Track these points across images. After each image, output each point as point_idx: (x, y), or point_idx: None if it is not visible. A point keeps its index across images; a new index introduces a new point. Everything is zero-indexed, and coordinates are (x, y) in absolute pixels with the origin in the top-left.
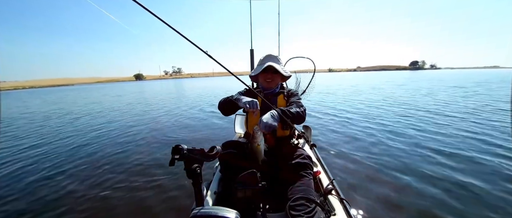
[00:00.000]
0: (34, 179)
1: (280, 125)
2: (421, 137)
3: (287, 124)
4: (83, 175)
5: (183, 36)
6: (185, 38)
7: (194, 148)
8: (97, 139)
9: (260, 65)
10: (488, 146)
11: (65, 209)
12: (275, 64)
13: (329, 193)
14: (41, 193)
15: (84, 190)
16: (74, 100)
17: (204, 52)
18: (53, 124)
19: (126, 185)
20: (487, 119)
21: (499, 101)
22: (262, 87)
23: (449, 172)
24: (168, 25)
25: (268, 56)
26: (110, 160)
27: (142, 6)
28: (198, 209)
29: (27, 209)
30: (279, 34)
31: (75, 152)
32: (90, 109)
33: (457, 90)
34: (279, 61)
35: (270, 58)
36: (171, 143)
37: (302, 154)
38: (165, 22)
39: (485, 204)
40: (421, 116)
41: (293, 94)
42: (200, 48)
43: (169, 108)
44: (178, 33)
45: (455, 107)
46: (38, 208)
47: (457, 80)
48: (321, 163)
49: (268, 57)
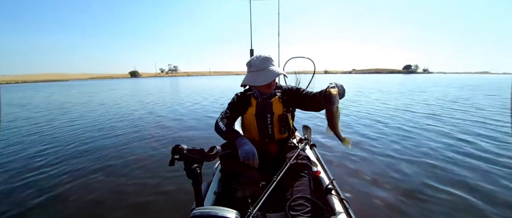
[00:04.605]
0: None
1: (278, 128)
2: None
3: (286, 127)
4: (80, 174)
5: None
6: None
7: (194, 148)
8: (96, 138)
9: (256, 73)
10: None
11: (62, 211)
12: (273, 69)
13: (329, 193)
14: (35, 195)
15: (80, 190)
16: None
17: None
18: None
19: (126, 185)
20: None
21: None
22: (258, 92)
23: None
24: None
25: (263, 61)
26: (108, 160)
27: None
28: (198, 209)
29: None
30: (279, 35)
31: (72, 151)
32: (87, 104)
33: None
34: (272, 63)
35: (265, 62)
36: (170, 143)
37: (301, 155)
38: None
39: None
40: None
41: (296, 90)
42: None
43: (169, 108)
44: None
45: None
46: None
47: (480, 85)
48: (321, 163)
49: (263, 62)
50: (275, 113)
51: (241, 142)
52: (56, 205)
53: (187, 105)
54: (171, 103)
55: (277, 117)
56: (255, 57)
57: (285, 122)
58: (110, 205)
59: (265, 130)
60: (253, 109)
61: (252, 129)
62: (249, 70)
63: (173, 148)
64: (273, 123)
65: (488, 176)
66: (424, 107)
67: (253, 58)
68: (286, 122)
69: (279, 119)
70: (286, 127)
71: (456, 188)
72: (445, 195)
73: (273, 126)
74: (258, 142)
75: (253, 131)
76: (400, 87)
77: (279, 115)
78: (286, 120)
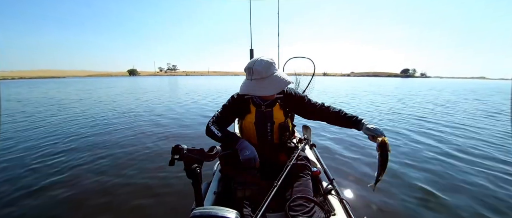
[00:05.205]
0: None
1: (278, 135)
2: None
3: (285, 132)
4: (79, 174)
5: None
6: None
7: (194, 148)
8: (93, 137)
9: (260, 81)
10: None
11: (60, 214)
12: (279, 75)
13: (329, 193)
14: (35, 199)
15: (79, 190)
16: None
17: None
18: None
19: (125, 185)
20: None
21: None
22: (258, 98)
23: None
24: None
25: (267, 67)
26: (107, 160)
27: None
28: (198, 209)
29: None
30: (278, 35)
31: (69, 151)
32: (84, 102)
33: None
34: (276, 67)
35: (269, 68)
36: (170, 143)
37: (300, 155)
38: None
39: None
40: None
41: (299, 99)
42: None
43: (169, 107)
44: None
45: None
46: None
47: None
48: (320, 163)
49: (267, 68)
50: (276, 122)
51: (242, 146)
52: (56, 204)
53: (187, 104)
54: (169, 102)
55: (278, 125)
56: (256, 62)
57: (286, 129)
58: (109, 205)
59: (265, 137)
60: (252, 117)
61: (251, 135)
62: (251, 77)
63: (173, 148)
64: (273, 131)
65: (493, 181)
66: (425, 111)
67: (254, 63)
68: (286, 129)
69: (280, 127)
70: (286, 133)
71: (454, 193)
72: (444, 198)
73: (273, 133)
74: (257, 146)
75: (252, 137)
76: (406, 90)
77: (280, 123)
78: (286, 127)
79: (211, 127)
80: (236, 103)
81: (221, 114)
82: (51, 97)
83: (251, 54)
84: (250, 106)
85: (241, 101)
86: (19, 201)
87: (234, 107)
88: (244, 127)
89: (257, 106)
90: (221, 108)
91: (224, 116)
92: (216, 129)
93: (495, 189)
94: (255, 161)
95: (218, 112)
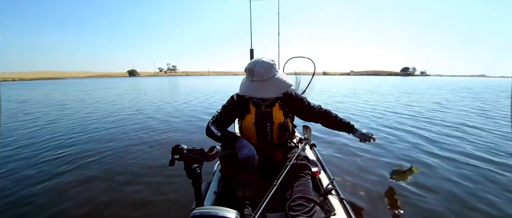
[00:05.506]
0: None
1: (278, 135)
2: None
3: (285, 132)
4: (79, 173)
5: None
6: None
7: (194, 148)
8: (92, 137)
9: (262, 83)
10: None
11: (62, 210)
12: (280, 77)
13: (329, 193)
14: (39, 196)
15: (79, 190)
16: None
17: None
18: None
19: (125, 185)
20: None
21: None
22: (258, 99)
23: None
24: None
25: (268, 68)
26: (106, 160)
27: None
28: (198, 209)
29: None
30: (279, 35)
31: (67, 151)
32: (84, 102)
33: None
34: (277, 69)
35: (270, 70)
36: (170, 143)
37: (300, 155)
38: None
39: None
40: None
41: (299, 101)
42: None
43: (168, 107)
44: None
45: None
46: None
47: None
48: (321, 163)
49: (268, 70)
50: (276, 122)
51: (240, 144)
52: (56, 205)
53: (187, 104)
54: (168, 102)
55: (277, 125)
56: (257, 64)
57: (285, 129)
58: (109, 205)
59: (264, 138)
60: (251, 117)
61: (251, 135)
62: (252, 79)
63: (173, 148)
64: (272, 131)
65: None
66: (424, 109)
67: (255, 65)
68: (286, 129)
69: (279, 127)
70: (286, 133)
71: (454, 187)
72: (446, 195)
73: (273, 133)
74: (257, 145)
75: (252, 137)
76: (406, 89)
77: (280, 123)
78: (286, 127)
79: (211, 127)
80: (236, 104)
81: (221, 114)
82: (52, 98)
83: (251, 54)
84: (249, 106)
85: (241, 102)
86: (23, 199)
87: (234, 108)
88: (244, 127)
89: (256, 107)
90: (221, 108)
91: (224, 116)
92: (216, 129)
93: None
94: (254, 159)
95: (218, 112)
